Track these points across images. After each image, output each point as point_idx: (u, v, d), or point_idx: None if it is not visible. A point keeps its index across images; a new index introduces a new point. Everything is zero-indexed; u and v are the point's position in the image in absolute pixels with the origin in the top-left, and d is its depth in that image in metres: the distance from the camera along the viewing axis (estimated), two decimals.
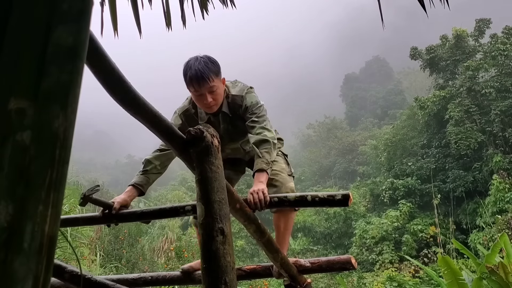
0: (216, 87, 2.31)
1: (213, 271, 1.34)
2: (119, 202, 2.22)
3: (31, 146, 0.47)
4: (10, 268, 0.44)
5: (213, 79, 2.29)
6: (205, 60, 2.31)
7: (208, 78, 2.27)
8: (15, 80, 0.48)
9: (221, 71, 2.38)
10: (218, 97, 2.36)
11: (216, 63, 2.36)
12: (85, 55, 0.55)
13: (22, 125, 0.47)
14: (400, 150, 28.23)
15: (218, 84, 2.33)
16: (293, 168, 2.67)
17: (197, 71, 2.26)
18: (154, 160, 2.42)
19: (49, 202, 0.48)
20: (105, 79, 1.14)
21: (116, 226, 2.50)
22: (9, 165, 0.46)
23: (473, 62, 24.79)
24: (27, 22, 0.50)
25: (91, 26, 0.57)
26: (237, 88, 2.47)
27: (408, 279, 17.97)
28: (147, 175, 2.39)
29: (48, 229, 0.48)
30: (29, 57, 0.50)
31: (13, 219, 0.45)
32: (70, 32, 0.52)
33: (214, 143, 1.53)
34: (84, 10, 0.55)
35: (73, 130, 0.53)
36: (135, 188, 2.34)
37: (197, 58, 2.32)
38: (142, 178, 2.37)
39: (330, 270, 2.64)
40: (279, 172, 2.52)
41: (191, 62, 2.31)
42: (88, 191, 2.04)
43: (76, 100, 0.53)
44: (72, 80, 0.52)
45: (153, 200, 26.54)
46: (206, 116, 2.47)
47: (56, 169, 0.50)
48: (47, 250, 0.48)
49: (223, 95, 2.41)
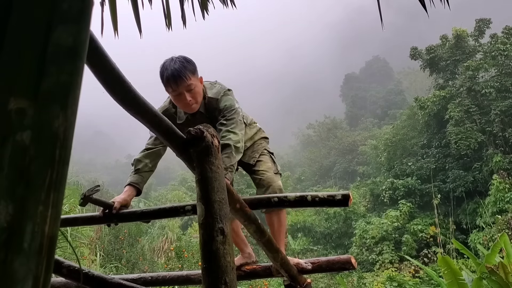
0: (193, 85, 2.32)
1: (213, 271, 1.34)
2: (119, 202, 2.22)
3: (31, 146, 0.47)
4: (10, 268, 0.44)
5: (189, 77, 2.29)
6: (181, 59, 2.32)
7: (185, 76, 2.27)
8: (15, 80, 0.48)
9: (197, 70, 2.38)
10: (197, 95, 2.36)
11: (191, 62, 2.37)
12: (85, 55, 0.55)
13: (22, 125, 0.47)
14: (400, 150, 28.24)
15: (195, 82, 2.33)
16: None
17: (173, 71, 2.27)
18: (144, 159, 2.43)
19: (49, 202, 0.48)
20: (105, 79, 1.14)
21: (116, 226, 2.50)
22: (9, 165, 0.46)
23: (473, 62, 24.80)
24: (27, 22, 0.50)
25: (91, 26, 0.57)
26: (214, 90, 2.45)
27: (408, 279, 17.98)
28: (140, 174, 2.39)
29: (48, 229, 0.48)
30: (29, 57, 0.50)
31: (13, 219, 0.45)
32: (70, 32, 0.52)
33: (214, 143, 1.53)
34: (84, 10, 0.55)
35: (73, 130, 0.53)
36: (132, 187, 2.34)
37: (173, 59, 2.33)
38: (136, 177, 2.38)
39: (330, 270, 2.65)
40: (265, 171, 2.53)
41: (167, 63, 2.32)
42: (88, 191, 2.04)
43: (76, 101, 0.53)
44: (72, 80, 0.52)
45: (153, 200, 26.55)
46: (184, 115, 2.47)
47: (56, 169, 0.50)
48: (47, 250, 0.48)
49: (202, 94, 2.40)
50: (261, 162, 2.59)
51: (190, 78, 2.30)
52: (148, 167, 2.42)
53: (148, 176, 2.45)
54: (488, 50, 25.14)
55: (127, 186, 2.35)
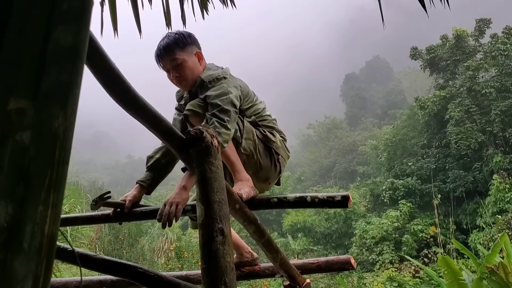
0: (181, 60, 2.15)
1: (213, 271, 1.34)
2: (130, 201, 2.13)
3: (31, 146, 0.47)
4: (10, 268, 0.44)
5: (175, 52, 2.14)
6: (173, 34, 2.19)
7: (172, 50, 2.14)
8: (15, 80, 0.48)
9: (193, 45, 2.21)
10: (186, 71, 2.17)
11: (185, 35, 2.19)
12: (85, 55, 0.55)
13: (22, 125, 0.47)
14: (400, 150, 28.25)
15: (184, 57, 2.16)
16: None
17: (159, 47, 2.17)
18: (155, 154, 2.29)
19: (49, 203, 0.48)
20: (105, 79, 1.14)
21: (120, 225, 2.45)
22: (9, 165, 0.46)
23: (473, 62, 24.81)
24: (27, 22, 0.50)
25: (91, 26, 0.57)
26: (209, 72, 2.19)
27: (408, 279, 17.98)
28: (150, 171, 2.26)
29: (48, 229, 0.48)
30: (29, 57, 0.50)
31: (12, 219, 0.45)
32: (70, 32, 0.52)
33: (214, 143, 1.53)
34: (84, 10, 0.55)
35: (73, 130, 0.53)
36: (139, 185, 2.23)
37: (165, 35, 2.20)
38: (145, 175, 2.25)
39: (329, 271, 2.65)
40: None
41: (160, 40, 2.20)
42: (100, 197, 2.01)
43: (76, 100, 0.53)
44: (72, 80, 0.52)
45: (153, 200, 26.53)
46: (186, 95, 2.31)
47: (56, 169, 0.50)
48: (47, 250, 0.48)
49: (196, 71, 2.19)
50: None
51: (176, 53, 2.14)
52: (160, 163, 2.25)
53: (159, 174, 2.26)
54: (488, 50, 25.15)
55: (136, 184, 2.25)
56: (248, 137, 2.17)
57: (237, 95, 2.09)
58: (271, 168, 2.27)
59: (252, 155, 2.19)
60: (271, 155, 2.25)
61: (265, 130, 2.27)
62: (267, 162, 2.24)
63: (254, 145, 2.19)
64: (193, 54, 2.20)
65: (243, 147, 2.13)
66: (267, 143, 2.25)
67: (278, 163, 2.28)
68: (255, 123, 2.25)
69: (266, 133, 2.26)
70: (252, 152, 2.18)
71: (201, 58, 2.24)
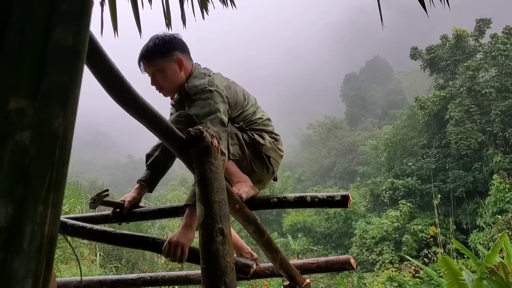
0: (158, 67, 2.07)
1: (213, 271, 1.34)
2: (129, 202, 2.13)
3: (31, 146, 0.48)
4: (10, 268, 0.44)
5: (153, 59, 2.07)
6: (153, 40, 2.11)
7: (150, 58, 2.07)
8: (15, 80, 0.48)
9: (175, 50, 2.11)
10: (163, 80, 2.10)
11: (165, 40, 2.10)
12: (85, 55, 0.55)
13: (22, 125, 0.47)
14: (400, 150, 28.24)
15: (161, 65, 2.07)
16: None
17: (140, 52, 2.11)
18: (153, 151, 2.25)
19: (49, 202, 0.48)
20: (105, 79, 1.14)
21: (119, 225, 2.45)
22: (9, 165, 0.46)
23: (473, 62, 24.80)
24: (27, 22, 0.50)
25: (91, 26, 0.57)
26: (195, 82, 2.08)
27: (408, 279, 17.96)
28: (150, 169, 2.24)
29: (48, 229, 0.48)
30: (29, 57, 0.50)
31: (12, 219, 0.45)
32: (69, 32, 0.52)
33: (214, 144, 1.53)
34: (84, 10, 0.55)
35: (73, 130, 0.53)
36: (140, 185, 2.22)
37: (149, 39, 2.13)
38: (145, 173, 2.23)
39: (329, 271, 2.65)
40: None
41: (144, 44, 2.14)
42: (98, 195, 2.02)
43: (76, 100, 0.53)
44: (72, 80, 0.52)
45: (153, 200, 26.53)
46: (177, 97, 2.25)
47: (56, 169, 0.50)
48: (47, 250, 0.48)
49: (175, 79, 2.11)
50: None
51: (153, 60, 2.07)
52: (159, 160, 2.21)
53: (159, 171, 2.24)
54: (488, 50, 25.15)
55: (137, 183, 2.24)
56: (234, 142, 2.13)
57: (225, 111, 2.04)
58: (263, 171, 2.25)
59: (242, 160, 2.15)
60: (261, 158, 2.22)
61: (253, 133, 2.22)
62: (258, 165, 2.22)
63: (241, 148, 2.15)
64: (173, 61, 2.10)
65: (231, 153, 2.09)
66: (256, 146, 2.20)
67: (271, 165, 2.25)
68: (242, 128, 2.21)
69: (254, 136, 2.21)
70: (241, 156, 2.15)
71: (182, 64, 2.12)
